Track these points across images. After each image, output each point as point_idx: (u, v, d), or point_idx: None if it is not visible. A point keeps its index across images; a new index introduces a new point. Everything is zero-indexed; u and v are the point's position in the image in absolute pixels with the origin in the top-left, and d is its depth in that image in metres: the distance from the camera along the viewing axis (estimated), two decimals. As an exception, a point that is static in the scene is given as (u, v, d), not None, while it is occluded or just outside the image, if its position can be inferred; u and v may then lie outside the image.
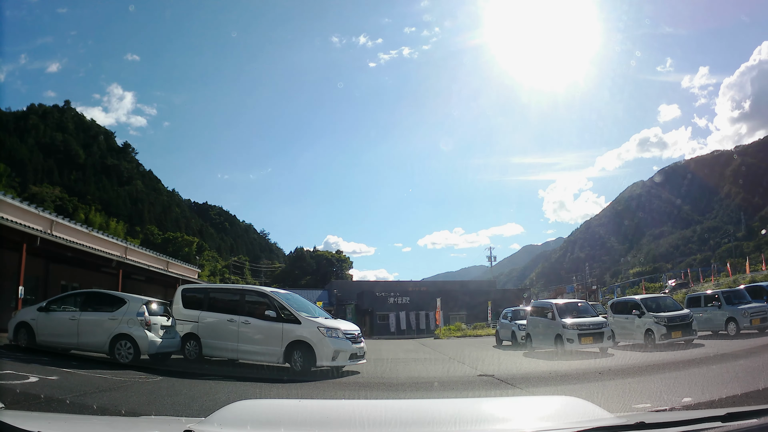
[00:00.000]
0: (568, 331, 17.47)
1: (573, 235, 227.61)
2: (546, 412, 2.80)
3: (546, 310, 19.44)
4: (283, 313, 13.60)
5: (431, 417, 2.76)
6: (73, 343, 14.05)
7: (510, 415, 2.80)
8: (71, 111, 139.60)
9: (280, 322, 13.45)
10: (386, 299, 59.91)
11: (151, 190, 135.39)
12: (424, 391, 10.29)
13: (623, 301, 22.19)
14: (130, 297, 14.50)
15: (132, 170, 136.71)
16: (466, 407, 3.23)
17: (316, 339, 12.92)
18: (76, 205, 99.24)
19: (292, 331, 13.23)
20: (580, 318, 18.20)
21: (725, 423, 2.14)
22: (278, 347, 13.19)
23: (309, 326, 13.21)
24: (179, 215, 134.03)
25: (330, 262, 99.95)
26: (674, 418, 2.52)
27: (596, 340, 17.42)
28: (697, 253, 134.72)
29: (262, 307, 14.10)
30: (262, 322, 13.72)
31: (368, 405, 3.89)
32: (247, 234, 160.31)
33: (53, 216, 25.05)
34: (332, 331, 13.15)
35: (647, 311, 19.07)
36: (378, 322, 57.95)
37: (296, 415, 2.85)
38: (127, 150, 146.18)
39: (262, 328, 13.71)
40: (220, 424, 2.44)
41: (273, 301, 13.97)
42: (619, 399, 8.13)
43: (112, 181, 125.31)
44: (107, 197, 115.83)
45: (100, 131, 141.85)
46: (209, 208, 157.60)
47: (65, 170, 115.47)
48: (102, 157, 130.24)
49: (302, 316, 13.49)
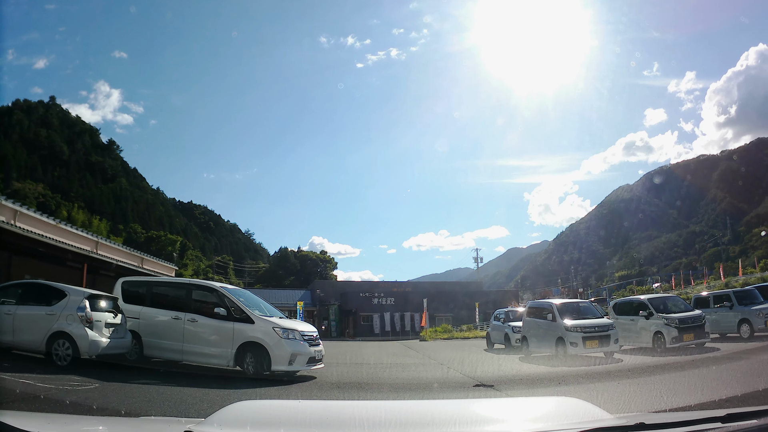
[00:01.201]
0: (571, 334, 15.95)
1: (558, 239, 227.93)
2: (545, 413, 2.81)
3: (545, 311, 17.85)
4: (234, 312, 12.22)
5: (431, 418, 2.77)
6: (9, 340, 12.11)
7: (509, 415, 2.80)
8: (56, 107, 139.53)
9: (231, 321, 12.10)
10: (370, 300, 58.17)
11: (135, 188, 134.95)
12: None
13: (628, 301, 20.35)
14: (70, 289, 12.56)
15: (116, 168, 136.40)
16: (466, 408, 3.27)
17: (272, 340, 11.69)
18: (59, 202, 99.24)
19: (244, 331, 11.95)
20: (583, 319, 16.66)
21: (725, 424, 2.13)
22: (228, 348, 11.88)
23: (263, 326, 11.98)
24: (163, 214, 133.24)
25: (314, 263, 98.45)
26: (674, 418, 2.45)
27: (602, 343, 15.88)
28: (682, 256, 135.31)
29: (211, 303, 12.67)
30: (211, 320, 12.31)
31: (368, 405, 4.02)
32: (232, 234, 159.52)
33: (17, 206, 23.77)
34: (289, 332, 11.96)
35: (656, 312, 17.36)
36: (362, 323, 56.44)
37: (296, 416, 2.85)
38: (111, 147, 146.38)
39: (211, 327, 12.31)
40: (219, 424, 2.43)
41: (223, 297, 12.56)
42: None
43: (96, 178, 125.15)
44: (91, 195, 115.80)
45: (85, 128, 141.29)
46: (194, 207, 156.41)
47: (49, 167, 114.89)
48: (86, 154, 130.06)
49: (256, 315, 12.23)
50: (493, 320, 26.08)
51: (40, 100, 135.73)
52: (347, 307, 59.44)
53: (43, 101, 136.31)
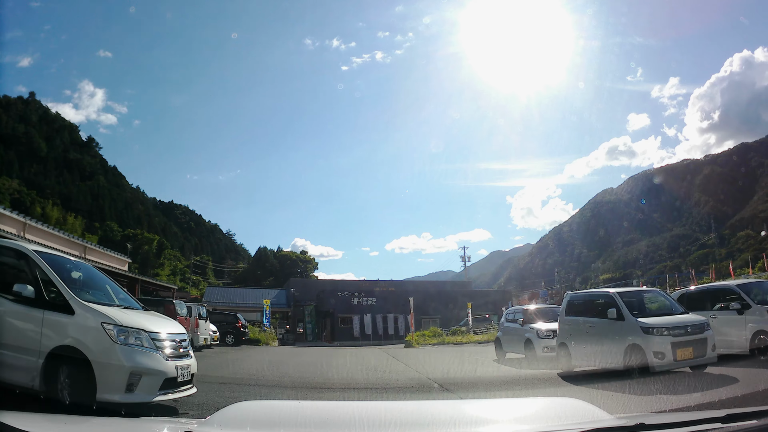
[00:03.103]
0: (654, 339, 10.57)
1: (542, 241, 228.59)
2: (545, 414, 2.79)
3: (601, 306, 12.32)
4: (48, 292, 7.10)
5: (431, 418, 2.77)
6: None
7: (510, 416, 2.79)
8: (36, 103, 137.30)
9: (41, 309, 6.97)
10: (349, 300, 54.41)
11: (113, 185, 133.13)
12: None
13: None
14: None
15: (95, 165, 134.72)
16: (465, 408, 3.28)
17: (97, 346, 6.79)
18: (34, 199, 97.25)
19: (57, 327, 6.94)
20: (666, 316, 11.51)
21: (725, 424, 2.14)
22: (33, 357, 6.73)
23: (86, 320, 6.95)
24: (142, 213, 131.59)
25: (294, 263, 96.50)
26: (674, 419, 2.46)
27: (698, 351, 10.72)
28: (667, 260, 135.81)
29: (12, 276, 7.40)
30: (9, 303, 7.03)
31: (368, 406, 3.99)
32: (213, 234, 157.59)
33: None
34: (129, 333, 7.00)
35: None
36: (340, 326, 52.99)
37: (296, 417, 2.85)
38: (90, 145, 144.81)
39: (6, 316, 7.01)
40: (220, 425, 2.44)
41: (33, 267, 7.30)
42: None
43: (74, 175, 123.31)
44: (67, 192, 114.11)
45: (64, 125, 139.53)
46: (174, 207, 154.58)
47: (26, 163, 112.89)
48: (65, 150, 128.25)
49: (77, 301, 7.06)
50: (506, 322, 19.49)
51: (19, 96, 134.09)
52: (324, 308, 55.88)
53: (22, 97, 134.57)
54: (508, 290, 79.32)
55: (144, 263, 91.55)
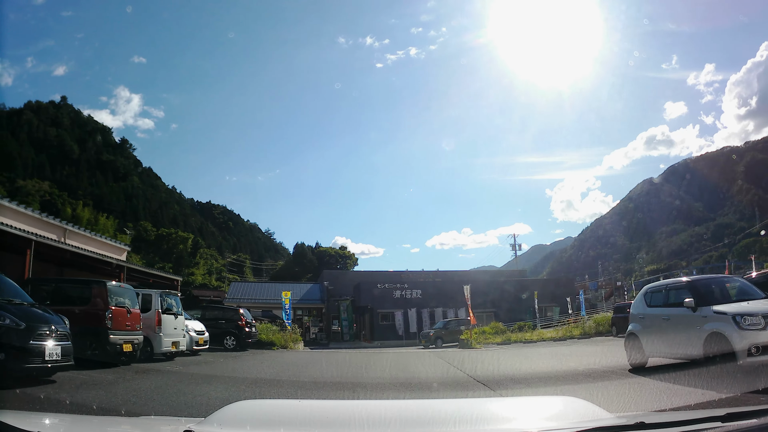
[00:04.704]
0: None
1: (583, 234, 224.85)
2: (546, 412, 2.73)
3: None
4: None
5: (431, 417, 2.71)
6: None
7: (510, 415, 2.71)
8: (68, 107, 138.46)
9: None
10: (390, 293, 47.72)
11: (148, 186, 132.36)
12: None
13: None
14: None
15: (129, 166, 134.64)
16: (467, 407, 3.21)
17: None
18: (65, 200, 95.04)
19: None
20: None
21: (725, 423, 2.12)
22: None
23: None
24: (177, 213, 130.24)
25: (333, 259, 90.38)
26: (674, 418, 2.45)
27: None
28: (711, 250, 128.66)
29: None
30: None
31: (368, 405, 3.91)
32: (252, 233, 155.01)
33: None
34: None
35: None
36: (380, 323, 46.24)
37: (296, 415, 2.79)
38: (124, 146, 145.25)
39: None
40: (219, 424, 2.41)
41: None
42: None
43: (107, 176, 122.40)
44: (100, 193, 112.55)
45: (96, 127, 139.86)
46: (212, 207, 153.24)
47: (58, 166, 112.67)
48: (97, 152, 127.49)
49: None
50: (646, 306, 12.05)
51: (51, 101, 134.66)
52: (362, 303, 48.79)
53: (54, 101, 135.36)
54: (571, 278, 71.59)
55: (178, 262, 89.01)
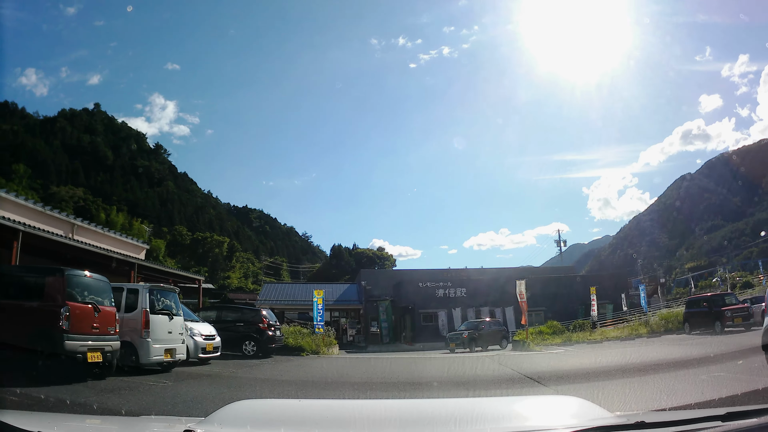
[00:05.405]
0: None
1: (621, 232, 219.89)
2: (546, 412, 2.74)
3: None
4: None
5: (432, 416, 2.72)
6: None
7: (510, 414, 2.72)
8: (101, 114, 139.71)
9: None
10: (433, 292, 44.61)
11: (183, 191, 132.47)
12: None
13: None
14: None
15: (164, 172, 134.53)
16: (467, 407, 3.21)
17: None
18: (99, 206, 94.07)
19: None
20: None
21: (725, 422, 2.13)
22: None
23: None
24: (213, 217, 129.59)
25: (371, 260, 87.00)
26: (674, 417, 2.47)
27: None
28: (752, 246, 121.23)
29: None
30: None
31: (369, 404, 3.97)
32: (289, 237, 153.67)
33: None
34: None
35: None
36: (422, 324, 42.60)
37: (297, 415, 2.80)
38: (159, 152, 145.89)
39: None
40: (220, 423, 2.41)
41: None
42: None
43: (142, 182, 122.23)
44: (134, 198, 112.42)
45: (130, 133, 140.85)
46: (249, 211, 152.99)
47: (92, 172, 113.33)
48: (132, 158, 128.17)
49: None
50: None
51: (84, 108, 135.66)
52: (403, 303, 45.38)
53: (87, 109, 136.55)
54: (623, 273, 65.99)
55: (214, 266, 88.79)
